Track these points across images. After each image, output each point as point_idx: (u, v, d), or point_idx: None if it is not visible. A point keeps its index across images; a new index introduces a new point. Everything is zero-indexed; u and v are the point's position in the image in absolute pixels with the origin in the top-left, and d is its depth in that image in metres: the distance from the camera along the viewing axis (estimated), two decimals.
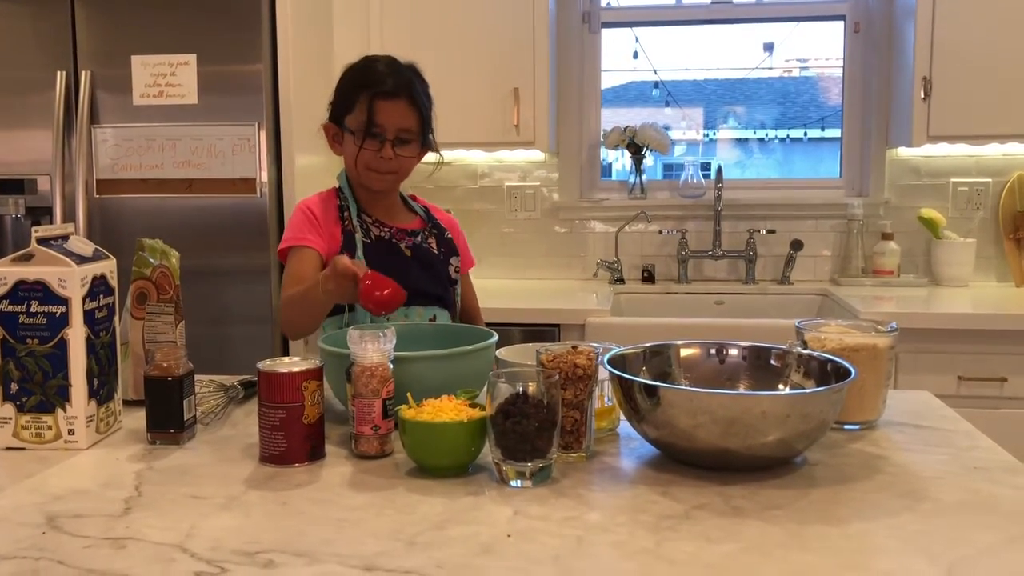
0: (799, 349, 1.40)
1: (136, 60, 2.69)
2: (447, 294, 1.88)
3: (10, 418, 1.32)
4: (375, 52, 2.95)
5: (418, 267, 1.83)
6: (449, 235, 1.93)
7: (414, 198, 1.97)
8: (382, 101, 1.76)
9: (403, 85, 1.77)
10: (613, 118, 3.57)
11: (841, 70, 3.40)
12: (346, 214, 1.84)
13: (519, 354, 1.50)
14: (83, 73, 2.70)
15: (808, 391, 1.30)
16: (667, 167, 4.46)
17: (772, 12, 3.50)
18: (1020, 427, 2.54)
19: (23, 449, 1.33)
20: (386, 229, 1.85)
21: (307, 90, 2.82)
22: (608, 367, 1.28)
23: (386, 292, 1.49)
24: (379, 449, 1.28)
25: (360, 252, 1.79)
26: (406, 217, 1.91)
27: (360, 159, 1.79)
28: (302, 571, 0.93)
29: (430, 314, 1.82)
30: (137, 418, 1.41)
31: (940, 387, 2.41)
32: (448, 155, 3.28)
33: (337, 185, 1.90)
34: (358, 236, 1.81)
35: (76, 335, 1.31)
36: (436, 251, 1.88)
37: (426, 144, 1.84)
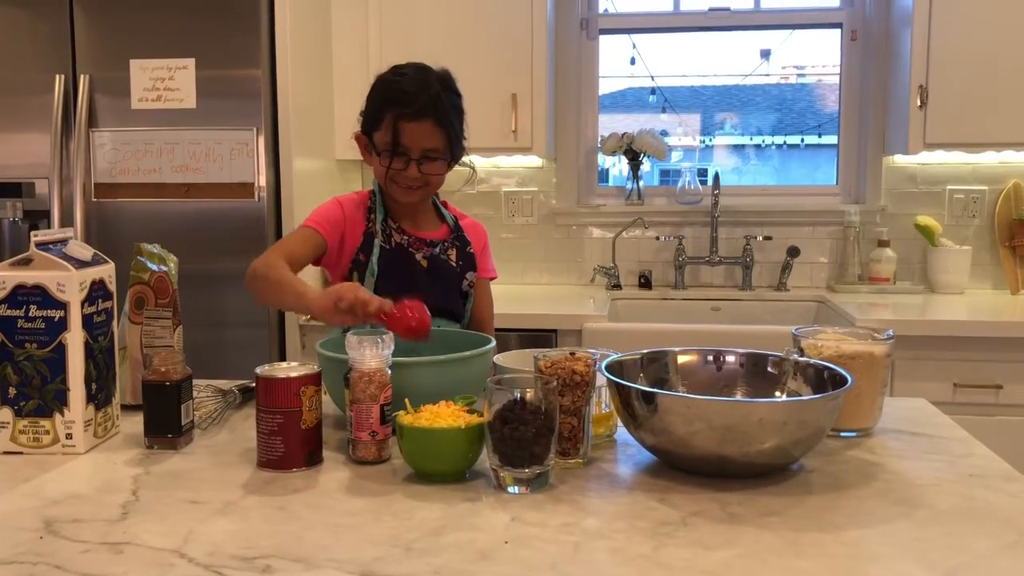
0: (796, 356, 1.40)
1: (135, 64, 2.69)
2: (458, 307, 1.86)
3: (8, 422, 1.32)
4: (373, 58, 2.99)
5: (430, 278, 1.81)
6: (471, 249, 1.89)
7: (446, 205, 1.94)
8: (407, 123, 1.72)
9: (429, 105, 1.72)
10: (610, 124, 3.57)
11: (838, 77, 3.41)
12: (372, 216, 1.83)
13: (517, 360, 1.50)
14: (81, 77, 2.70)
15: (805, 398, 1.31)
16: (664, 173, 4.48)
17: (769, 19, 3.51)
18: (1016, 434, 2.55)
19: (21, 453, 1.33)
20: (406, 237, 1.83)
21: (305, 95, 2.83)
22: (606, 374, 1.29)
23: (413, 320, 1.44)
24: (377, 455, 1.28)
25: (375, 256, 1.79)
26: (433, 225, 1.89)
27: (387, 175, 1.77)
28: None
29: (434, 325, 1.81)
30: (135, 423, 1.41)
31: (936, 394, 2.42)
32: None
33: (372, 188, 1.88)
34: (378, 240, 1.81)
35: (74, 339, 1.31)
36: (454, 263, 1.86)
37: (455, 158, 1.82)
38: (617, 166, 3.92)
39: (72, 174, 2.71)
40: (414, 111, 1.71)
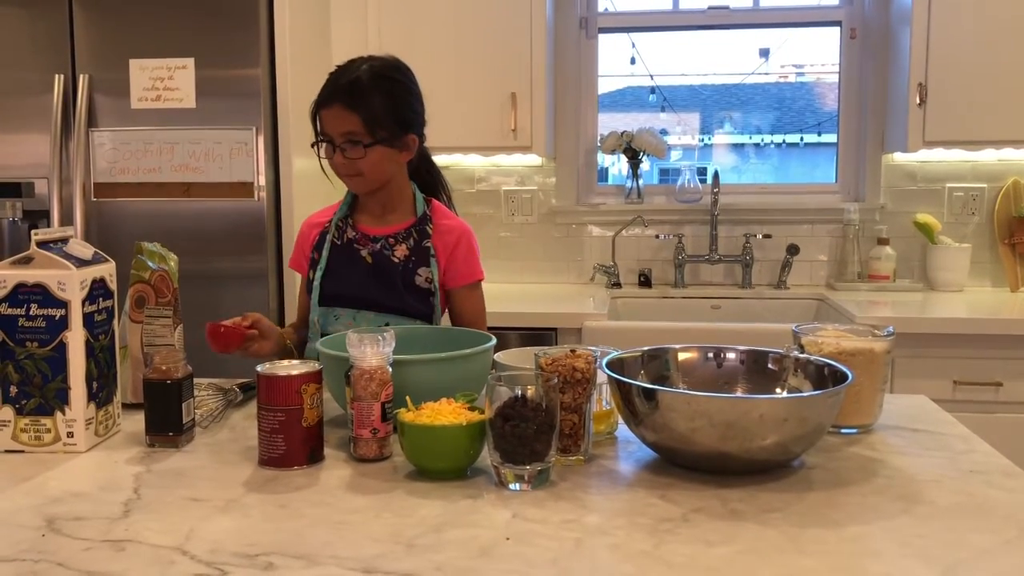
0: (796, 353, 1.40)
1: (134, 64, 2.69)
2: (406, 304, 1.79)
3: (9, 421, 1.33)
4: (374, 53, 2.98)
5: (371, 274, 1.80)
6: (429, 243, 1.83)
7: (429, 202, 1.90)
8: (322, 111, 1.78)
9: (338, 90, 1.76)
10: (610, 123, 3.57)
11: (837, 76, 3.41)
12: (335, 215, 1.89)
13: (518, 358, 1.50)
14: (81, 76, 2.70)
15: (805, 395, 1.31)
16: (663, 172, 4.48)
17: (768, 18, 3.51)
18: (1016, 431, 2.55)
19: (22, 452, 1.33)
20: (355, 233, 1.85)
21: (305, 94, 2.81)
22: (607, 370, 1.29)
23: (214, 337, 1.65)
24: (378, 452, 1.28)
25: (326, 251, 1.85)
26: (397, 219, 1.86)
27: (332, 168, 1.82)
28: (301, 573, 0.93)
29: (382, 321, 1.78)
30: (136, 421, 1.42)
31: (936, 392, 2.41)
32: (446, 159, 3.31)
33: None
34: (330, 236, 1.86)
35: (75, 338, 1.31)
36: (398, 259, 1.81)
37: (386, 141, 1.77)
38: (616, 165, 3.92)
39: (72, 174, 2.71)
40: (324, 97, 1.78)
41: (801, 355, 1.39)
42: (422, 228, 1.85)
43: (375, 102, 1.75)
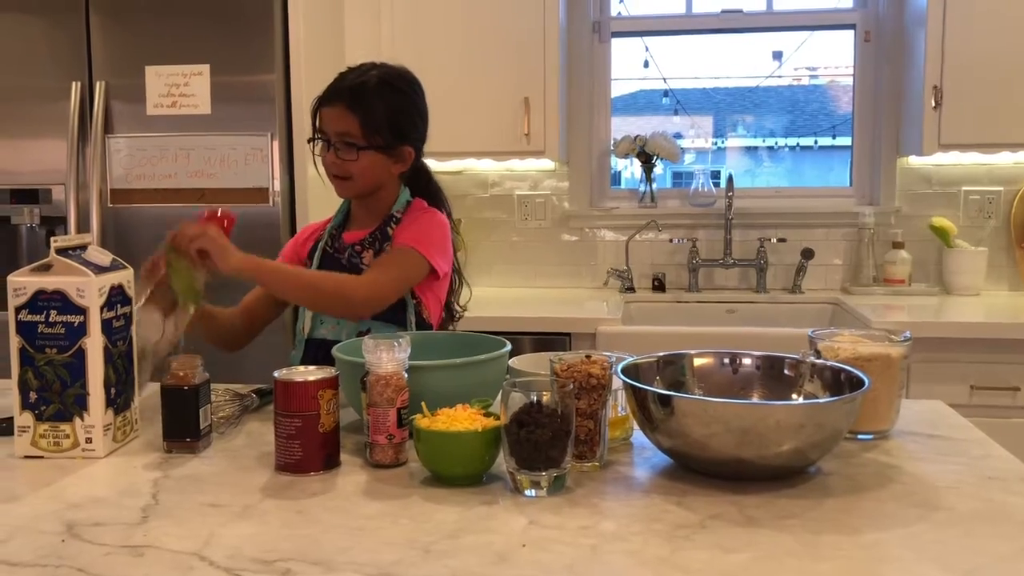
0: (812, 359, 1.40)
1: (150, 70, 2.71)
2: (385, 309, 1.75)
3: (29, 427, 1.34)
4: (386, 62, 3.00)
5: None
6: (388, 245, 1.79)
7: (409, 203, 1.86)
8: (323, 108, 1.79)
9: (342, 90, 1.77)
10: (623, 127, 3.57)
11: (851, 79, 3.40)
12: (330, 223, 1.89)
13: (533, 363, 1.50)
14: (97, 83, 2.72)
15: (822, 401, 1.31)
16: (676, 175, 4.48)
17: (782, 21, 3.50)
18: None
19: (41, 458, 1.34)
20: (338, 242, 1.85)
21: None
22: (622, 376, 1.29)
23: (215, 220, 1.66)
24: (394, 458, 1.28)
25: (317, 258, 1.86)
26: (374, 224, 1.84)
27: (324, 166, 1.81)
28: None
29: (364, 326, 1.76)
30: (153, 427, 1.43)
31: (952, 397, 2.39)
32: (458, 164, 3.32)
33: None
34: (322, 243, 1.87)
35: (94, 344, 1.32)
36: (366, 265, 1.79)
37: (380, 148, 1.76)
38: (630, 169, 3.92)
39: (88, 180, 2.73)
40: (327, 95, 1.79)
41: (817, 361, 1.39)
42: (384, 228, 1.82)
43: (376, 108, 1.76)
